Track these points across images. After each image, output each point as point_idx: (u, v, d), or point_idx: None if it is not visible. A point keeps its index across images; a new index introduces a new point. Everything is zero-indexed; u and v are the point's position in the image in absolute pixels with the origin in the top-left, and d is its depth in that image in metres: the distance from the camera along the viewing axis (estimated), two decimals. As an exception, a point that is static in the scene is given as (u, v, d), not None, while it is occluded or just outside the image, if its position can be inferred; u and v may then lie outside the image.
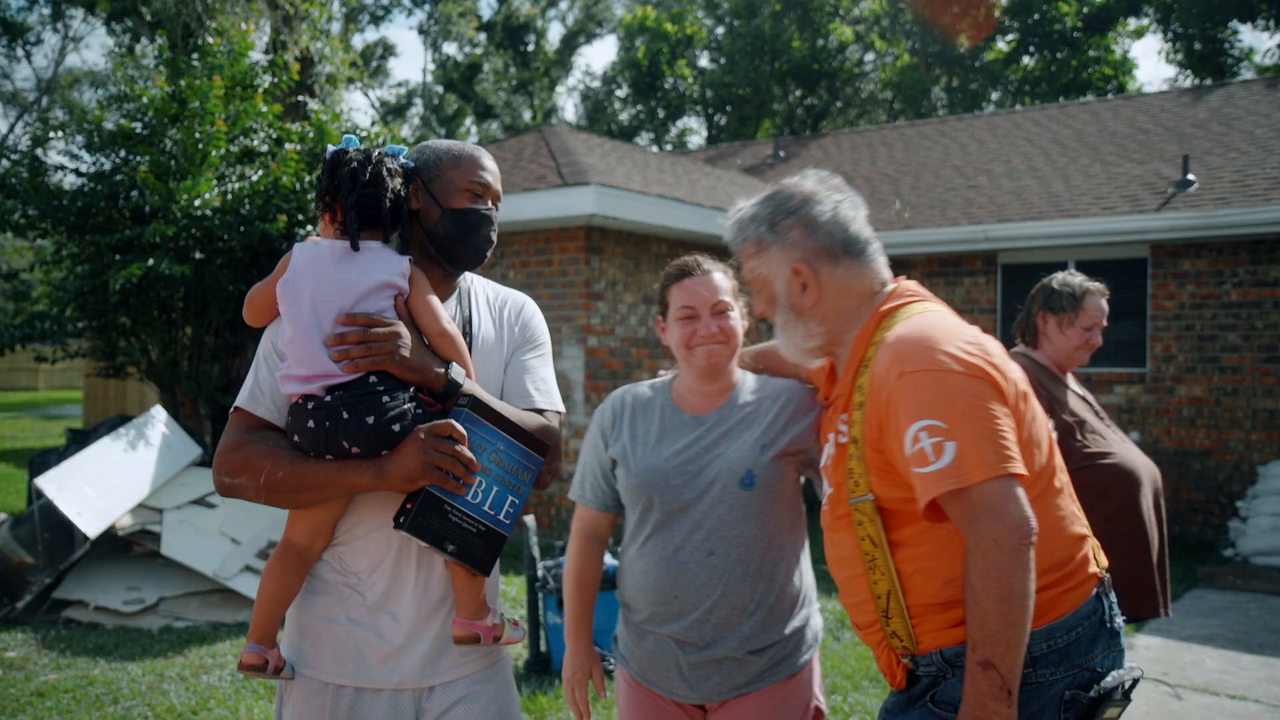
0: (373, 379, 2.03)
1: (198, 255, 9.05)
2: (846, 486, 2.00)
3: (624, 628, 2.66)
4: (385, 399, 2.02)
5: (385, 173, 2.14)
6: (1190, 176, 10.28)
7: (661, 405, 2.58)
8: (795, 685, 2.51)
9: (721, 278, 2.53)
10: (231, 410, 2.20)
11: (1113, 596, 2.03)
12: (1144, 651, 6.17)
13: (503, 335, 2.30)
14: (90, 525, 6.45)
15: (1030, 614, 1.77)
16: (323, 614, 2.18)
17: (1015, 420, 1.88)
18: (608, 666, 5.73)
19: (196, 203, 8.48)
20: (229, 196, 8.84)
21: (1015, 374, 1.96)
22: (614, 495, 2.62)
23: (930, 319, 1.98)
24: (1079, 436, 3.61)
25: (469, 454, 2.01)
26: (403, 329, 2.06)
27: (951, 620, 1.92)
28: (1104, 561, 2.06)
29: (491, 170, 2.26)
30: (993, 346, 1.96)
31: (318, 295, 2.07)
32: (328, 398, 2.04)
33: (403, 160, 2.22)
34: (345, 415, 2.02)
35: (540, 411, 2.24)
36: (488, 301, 2.34)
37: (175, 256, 8.61)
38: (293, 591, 2.19)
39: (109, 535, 6.79)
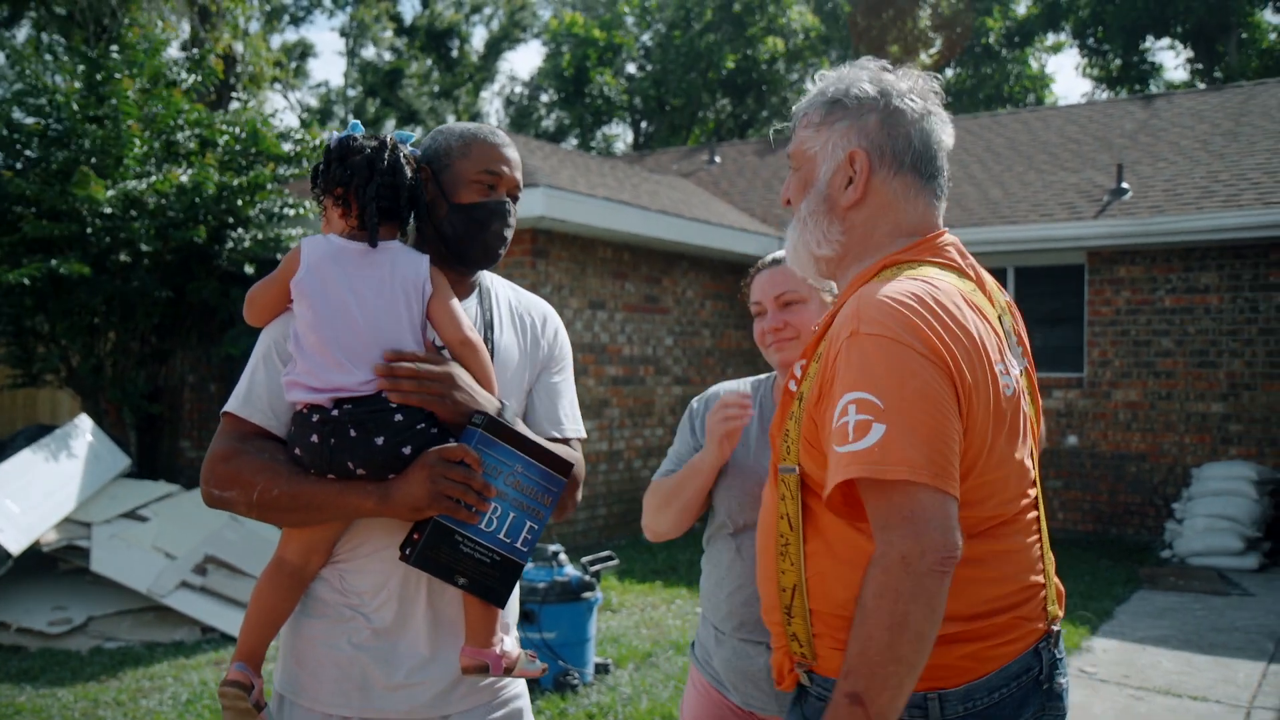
0: (385, 394, 1.87)
1: (124, 258, 8.69)
2: (780, 447, 1.72)
3: (704, 631, 2.48)
4: (398, 417, 1.85)
5: (402, 160, 1.97)
6: (1124, 185, 10.46)
7: (761, 404, 2.45)
8: None
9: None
10: (222, 413, 2.00)
11: (1058, 652, 1.72)
12: (1102, 654, 6.20)
13: (525, 347, 2.14)
14: (13, 541, 6.08)
15: (922, 655, 1.48)
16: (322, 640, 1.99)
17: (966, 430, 1.56)
18: (571, 681, 5.56)
19: (104, 202, 8.14)
20: (150, 202, 8.49)
21: (994, 379, 1.61)
22: None
23: (928, 286, 1.61)
24: None
25: (482, 480, 1.84)
26: (457, 369, 1.90)
27: None
28: (1056, 611, 1.74)
29: (509, 158, 2.06)
30: (984, 340, 1.62)
31: (342, 303, 1.90)
32: (335, 411, 1.86)
33: (410, 148, 2.04)
34: (353, 433, 1.85)
35: (566, 441, 2.12)
36: (510, 307, 2.17)
37: (81, 257, 8.23)
38: (284, 613, 2.01)
39: (33, 552, 6.42)
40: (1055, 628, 1.72)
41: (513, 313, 2.16)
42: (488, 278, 2.18)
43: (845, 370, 1.54)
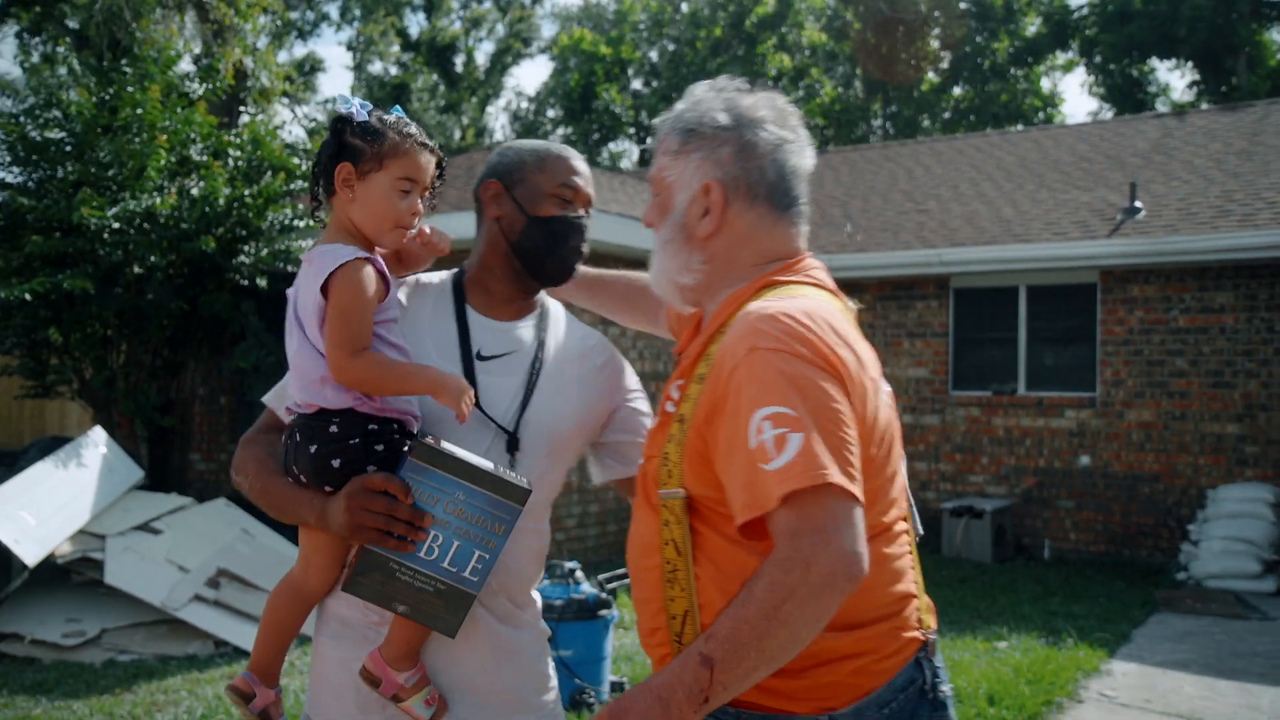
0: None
1: (136, 270, 8.69)
2: (659, 470, 1.69)
3: None
4: (333, 429, 1.81)
5: (325, 140, 1.93)
6: (1138, 204, 10.44)
7: None
8: None
9: None
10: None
11: (937, 661, 1.74)
12: (1121, 678, 6.15)
13: (578, 376, 2.07)
14: (29, 553, 6.04)
15: (787, 657, 1.49)
16: (345, 662, 1.94)
17: (861, 439, 1.57)
18: (587, 700, 5.52)
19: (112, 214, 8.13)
20: (162, 215, 8.49)
21: (874, 392, 1.66)
22: None
23: (811, 304, 1.65)
24: None
25: (409, 510, 1.75)
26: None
27: None
28: (930, 622, 1.76)
29: (583, 173, 2.05)
30: (865, 355, 1.68)
31: (288, 319, 1.90)
32: (298, 415, 1.89)
33: (342, 109, 1.91)
34: (298, 437, 1.84)
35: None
36: (570, 336, 2.11)
37: (91, 272, 8.24)
38: (290, 626, 1.98)
39: (47, 564, 6.38)
40: (932, 638, 1.73)
41: (571, 342, 2.10)
42: (551, 302, 2.13)
43: (749, 386, 1.54)
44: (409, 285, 2.08)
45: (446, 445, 1.80)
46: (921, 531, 2.33)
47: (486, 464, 1.81)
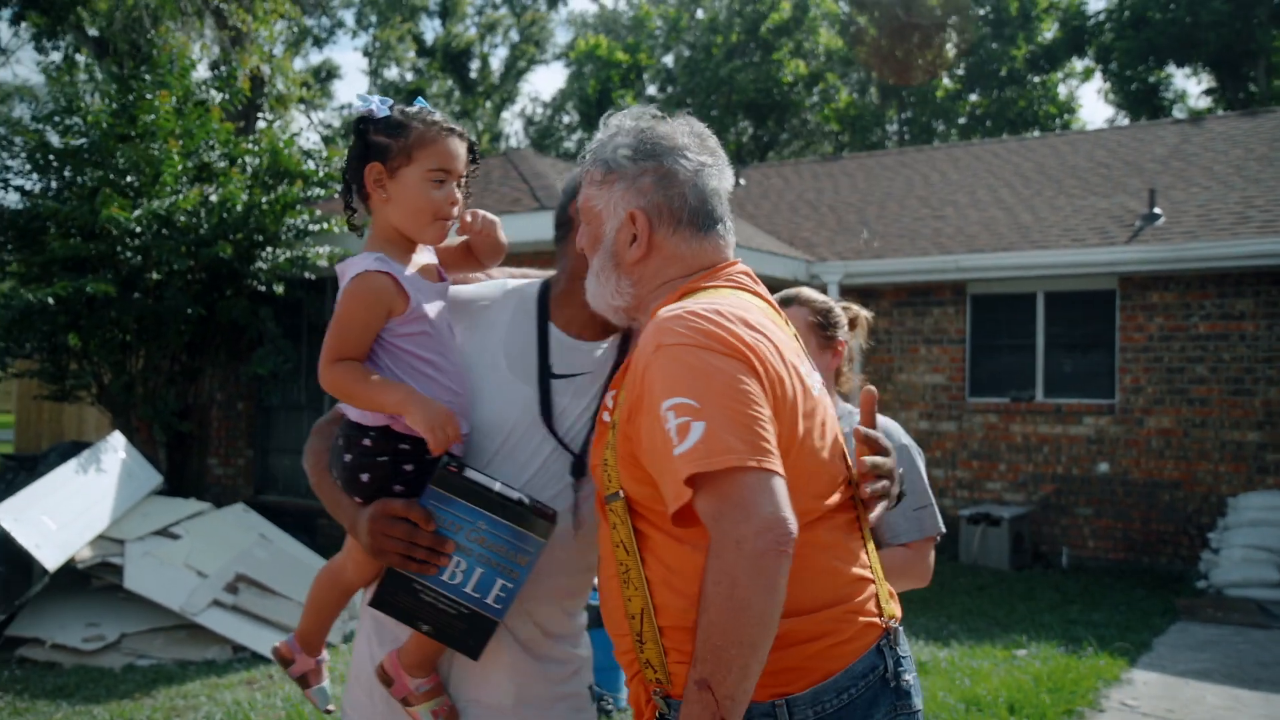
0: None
1: (155, 276, 8.73)
2: (601, 477, 1.75)
3: None
4: (365, 441, 1.82)
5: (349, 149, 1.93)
6: (1157, 210, 10.39)
7: None
8: None
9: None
10: None
11: (901, 650, 1.75)
12: (1143, 687, 6.10)
13: None
14: (50, 558, 6.07)
15: (765, 636, 1.49)
16: (379, 658, 1.96)
17: (776, 416, 1.61)
18: (605, 707, 5.52)
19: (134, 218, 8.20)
20: (180, 218, 8.55)
21: (797, 378, 1.69)
22: None
23: (723, 301, 1.72)
24: None
25: (430, 537, 1.76)
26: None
27: None
28: (894, 610, 1.77)
29: None
30: (785, 344, 1.72)
31: None
32: (345, 419, 1.91)
33: (362, 108, 1.88)
34: (340, 442, 1.87)
35: None
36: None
37: (112, 277, 8.30)
38: (329, 606, 2.03)
39: (66, 568, 6.41)
40: (894, 625, 1.74)
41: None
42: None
43: (656, 382, 1.61)
44: (496, 288, 2.05)
45: (470, 474, 1.80)
46: (943, 529, 2.34)
47: (513, 494, 1.80)
